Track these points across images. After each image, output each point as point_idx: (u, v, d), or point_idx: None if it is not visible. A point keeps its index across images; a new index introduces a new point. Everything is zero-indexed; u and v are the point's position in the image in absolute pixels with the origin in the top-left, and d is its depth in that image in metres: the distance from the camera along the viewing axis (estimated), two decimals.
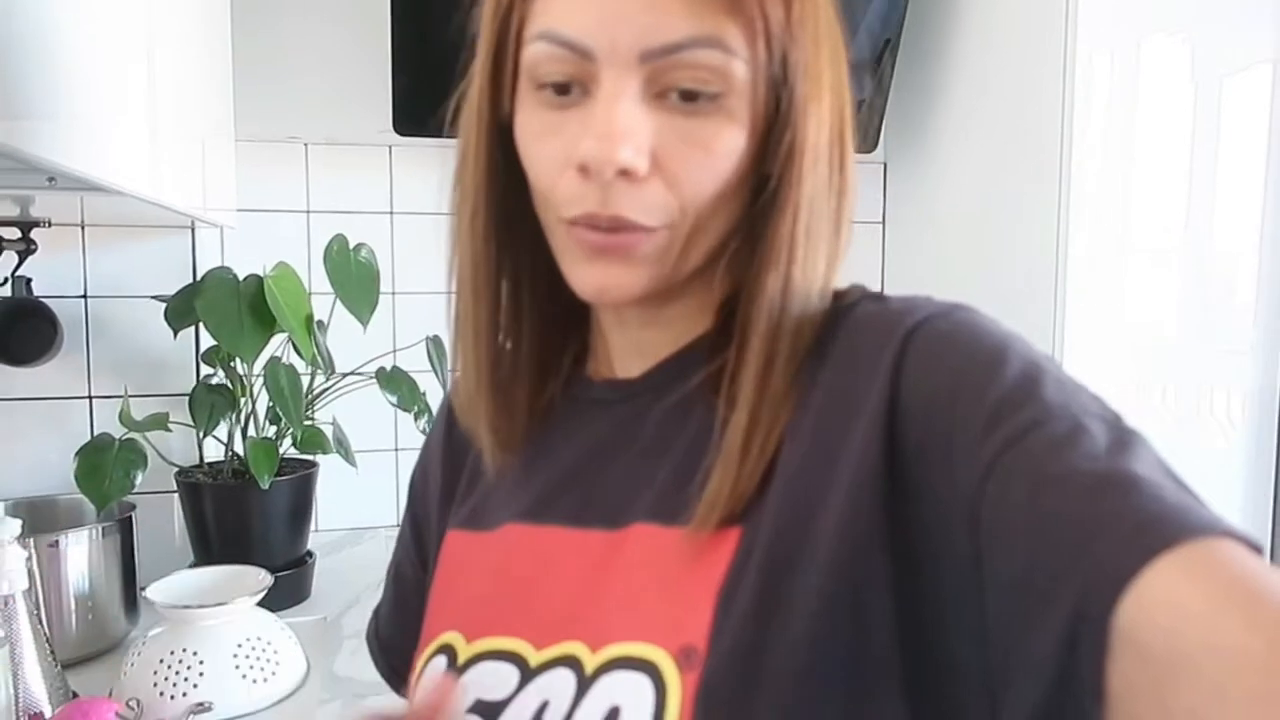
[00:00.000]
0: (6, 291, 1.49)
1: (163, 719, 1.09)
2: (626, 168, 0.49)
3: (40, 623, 1.15)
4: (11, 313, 1.48)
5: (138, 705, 1.12)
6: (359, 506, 1.91)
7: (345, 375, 1.55)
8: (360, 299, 1.48)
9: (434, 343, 1.61)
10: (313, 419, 1.54)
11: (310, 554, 1.59)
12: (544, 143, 0.53)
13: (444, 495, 0.68)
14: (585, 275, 0.53)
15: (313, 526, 1.63)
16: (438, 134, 1.82)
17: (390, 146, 1.91)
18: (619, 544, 0.54)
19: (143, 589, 1.23)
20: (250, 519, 1.47)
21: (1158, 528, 0.37)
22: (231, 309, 1.31)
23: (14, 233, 1.47)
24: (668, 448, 0.55)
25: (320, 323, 1.48)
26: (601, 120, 0.49)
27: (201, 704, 1.15)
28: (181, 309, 1.40)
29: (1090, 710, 0.37)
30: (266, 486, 1.41)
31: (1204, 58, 1.55)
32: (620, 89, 0.49)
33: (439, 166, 1.98)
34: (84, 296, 1.59)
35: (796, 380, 0.51)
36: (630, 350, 0.61)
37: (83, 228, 1.59)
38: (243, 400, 1.47)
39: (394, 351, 1.75)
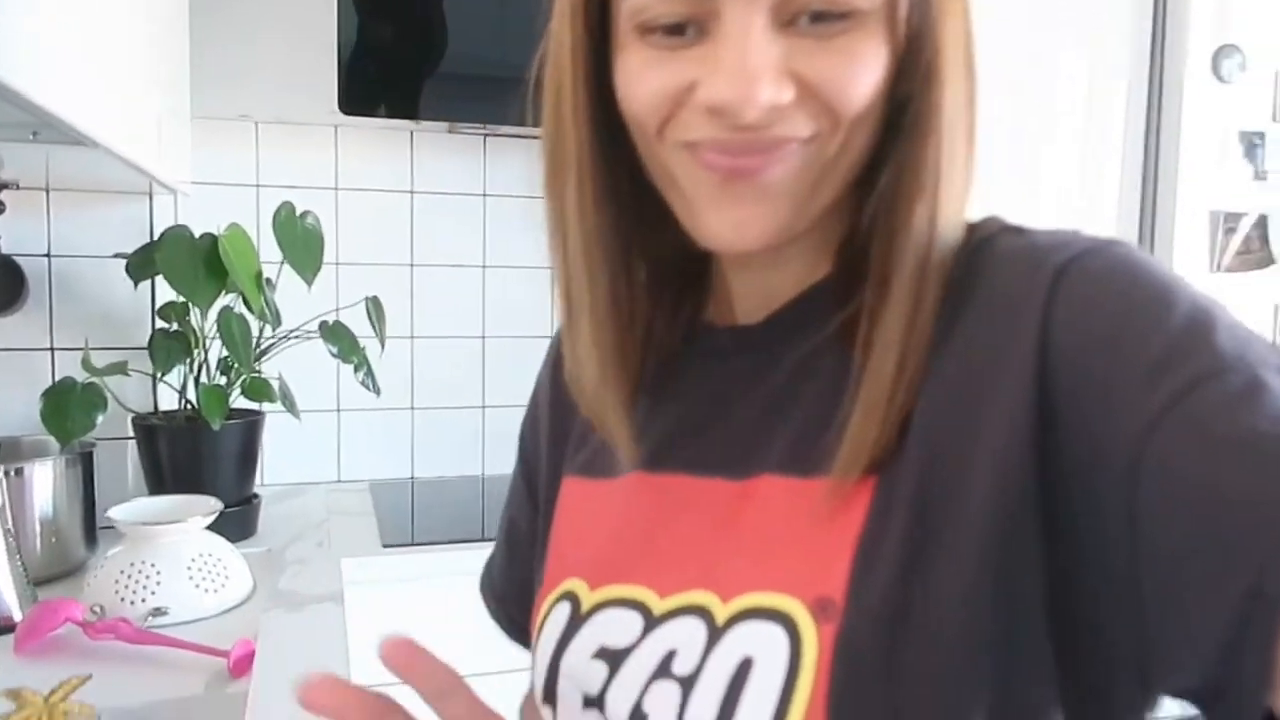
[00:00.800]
0: None
1: (124, 618, 1.23)
2: (772, 105, 0.45)
3: (10, 538, 1.29)
4: None
5: (101, 609, 1.27)
6: (301, 463, 2.06)
7: (291, 332, 1.70)
8: (305, 260, 1.63)
9: (373, 303, 1.76)
10: (259, 372, 1.68)
11: (256, 495, 1.73)
12: (654, 75, 0.48)
13: (555, 442, 0.66)
14: (716, 218, 0.49)
15: (258, 479, 1.78)
16: (382, 114, 1.98)
17: (336, 126, 2.06)
18: (746, 495, 0.52)
19: (105, 517, 1.37)
20: (201, 460, 1.62)
21: None
22: (188, 263, 1.45)
23: None
24: (796, 398, 0.52)
25: (269, 280, 1.63)
26: (734, 57, 0.45)
27: (159, 609, 1.30)
28: (142, 263, 1.54)
29: (1256, 692, 0.35)
30: (217, 428, 1.55)
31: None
32: (749, 22, 0.45)
33: (383, 146, 2.16)
34: (48, 255, 1.73)
35: (935, 321, 0.47)
36: (753, 295, 0.57)
37: (47, 191, 1.72)
38: (195, 351, 1.62)
39: (336, 310, 1.91)
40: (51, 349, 1.74)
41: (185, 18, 1.78)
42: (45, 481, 1.44)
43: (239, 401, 1.67)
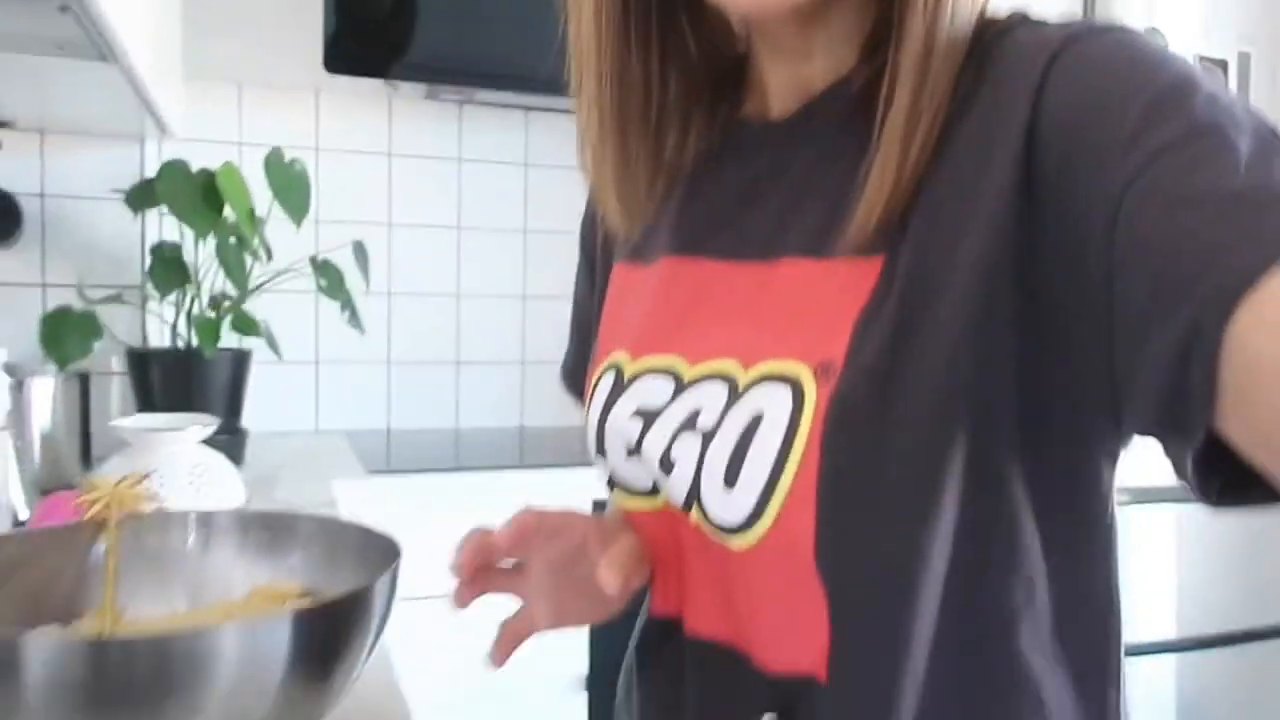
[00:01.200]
0: None
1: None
2: None
3: (17, 441, 1.35)
4: None
5: None
6: (281, 411, 2.12)
7: (281, 272, 1.78)
8: (294, 202, 1.71)
9: (357, 246, 1.85)
10: (251, 295, 1.75)
11: (244, 428, 1.80)
12: None
13: (609, 234, 0.71)
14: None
15: (243, 421, 1.84)
16: (364, 73, 2.05)
17: (317, 90, 2.14)
18: (770, 276, 0.57)
19: (109, 426, 1.43)
20: (192, 390, 1.68)
21: None
22: (187, 192, 1.53)
23: None
24: (820, 183, 0.56)
25: (260, 219, 1.71)
26: None
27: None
28: (141, 194, 1.61)
29: (1199, 416, 0.37)
30: (210, 355, 1.62)
31: None
32: None
33: (362, 110, 2.23)
34: (41, 195, 1.79)
35: (948, 106, 0.50)
36: (785, 89, 0.60)
37: (42, 134, 1.78)
38: (189, 286, 1.68)
39: (320, 254, 1.98)
40: (44, 285, 1.80)
41: None
42: (45, 397, 1.49)
43: (227, 341, 1.74)
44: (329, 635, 0.53)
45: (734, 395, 0.54)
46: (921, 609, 0.50)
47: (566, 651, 1.68)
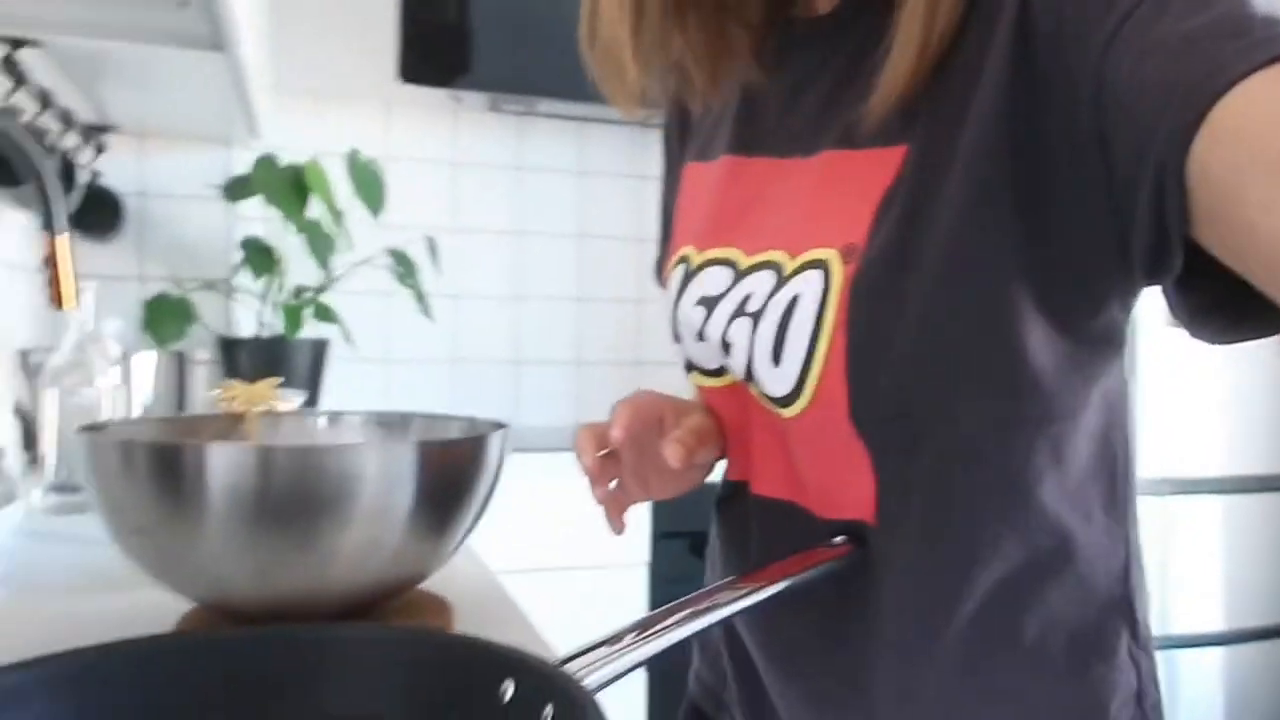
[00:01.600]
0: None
1: None
2: None
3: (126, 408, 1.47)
4: (88, 198, 1.81)
5: None
6: (355, 403, 2.23)
7: (358, 264, 1.90)
8: (371, 196, 1.84)
9: (429, 241, 1.97)
10: (329, 305, 1.88)
11: None
12: None
13: (682, 135, 0.77)
14: None
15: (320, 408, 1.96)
16: (433, 84, 2.18)
17: (388, 103, 2.28)
18: (813, 168, 0.60)
19: (207, 396, 1.55)
20: (276, 371, 1.80)
21: (1247, 54, 0.39)
22: (278, 182, 1.66)
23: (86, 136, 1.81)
24: (858, 75, 0.57)
25: (340, 212, 1.84)
26: None
27: None
28: (237, 186, 1.75)
29: (1177, 247, 0.43)
30: (293, 340, 1.75)
31: None
32: None
33: (428, 121, 2.36)
34: (140, 194, 1.94)
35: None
36: None
37: (142, 137, 1.93)
38: (275, 274, 1.81)
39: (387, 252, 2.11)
40: (140, 277, 1.94)
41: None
42: (147, 371, 1.62)
43: (307, 332, 1.86)
44: (449, 470, 0.62)
45: (779, 281, 0.59)
46: (951, 464, 0.55)
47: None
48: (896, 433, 0.56)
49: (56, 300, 1.11)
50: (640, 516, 1.85)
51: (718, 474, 0.73)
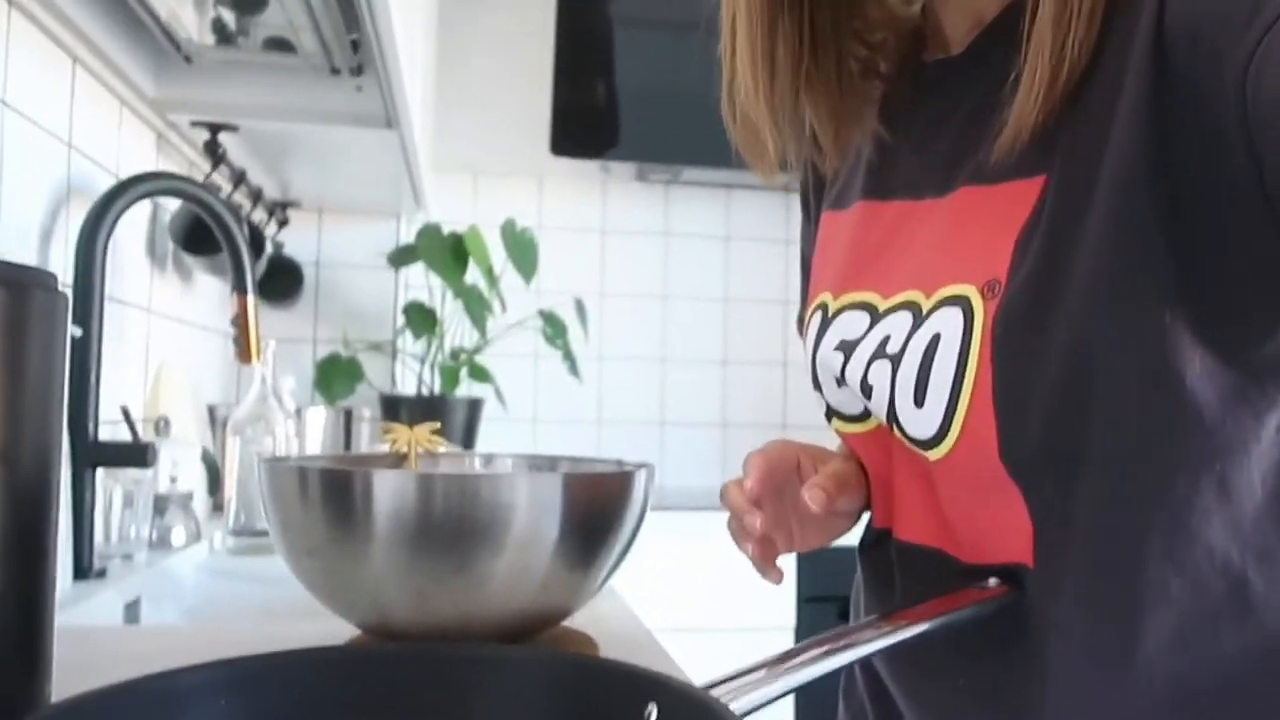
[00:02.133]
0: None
1: None
2: None
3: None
4: (271, 267, 1.97)
5: None
6: None
7: (511, 326, 1.99)
8: (525, 261, 1.93)
9: (578, 303, 2.03)
10: (483, 365, 1.97)
11: None
12: None
13: (818, 188, 0.76)
14: None
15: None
16: (590, 155, 2.30)
17: (540, 177, 2.40)
18: (950, 206, 0.59)
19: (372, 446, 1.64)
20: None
21: None
22: (440, 250, 1.77)
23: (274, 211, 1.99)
24: (992, 109, 0.55)
25: (496, 276, 1.93)
26: None
27: None
28: (402, 254, 1.87)
29: None
30: (450, 398, 1.83)
31: None
32: None
33: (578, 191, 2.47)
34: (316, 264, 2.10)
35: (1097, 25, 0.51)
36: (959, 21, 0.62)
37: (320, 212, 2.10)
38: (434, 335, 1.92)
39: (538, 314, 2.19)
40: (314, 340, 2.09)
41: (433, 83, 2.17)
42: (317, 425, 1.73)
43: (462, 391, 1.95)
44: (596, 502, 0.64)
45: (917, 320, 0.58)
46: (1111, 503, 0.52)
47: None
48: (1051, 471, 0.53)
49: (244, 355, 1.21)
50: (787, 580, 1.81)
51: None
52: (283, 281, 1.98)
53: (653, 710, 0.46)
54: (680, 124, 2.21)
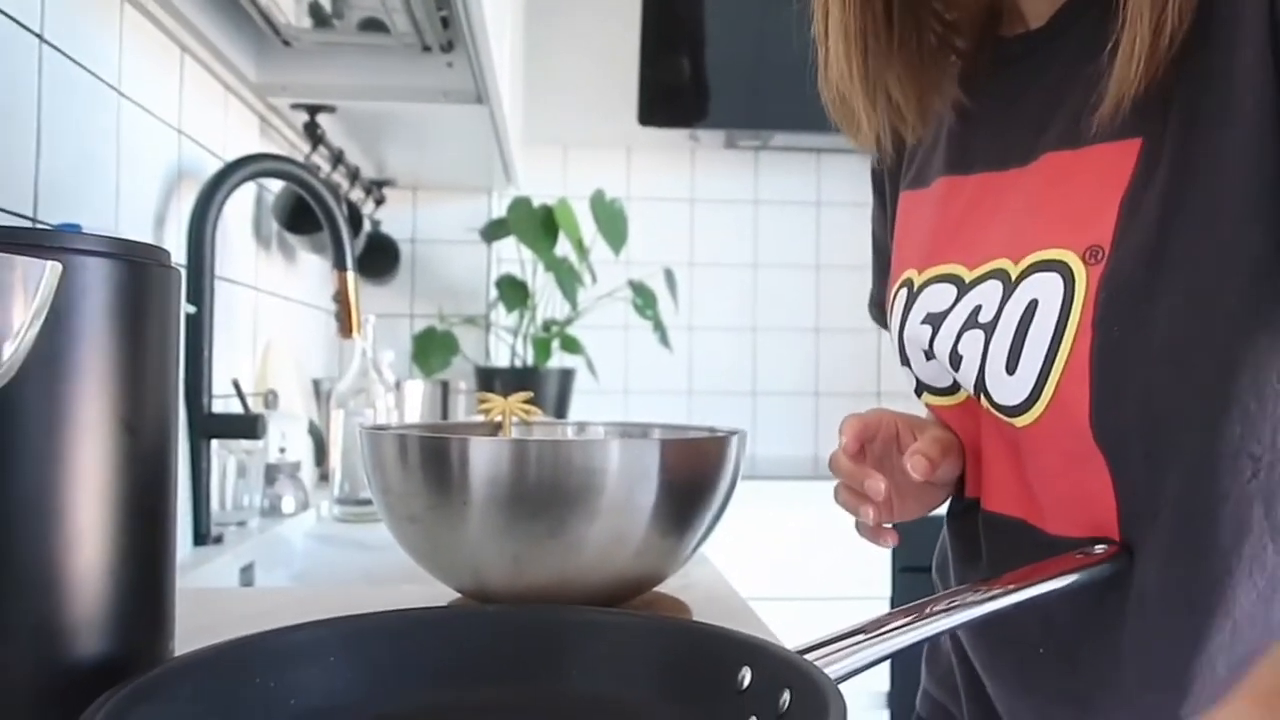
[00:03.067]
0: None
1: None
2: None
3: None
4: (369, 244, 2.03)
5: None
6: None
7: (601, 297, 2.00)
8: (614, 232, 1.93)
9: (668, 274, 2.03)
10: (574, 336, 1.99)
11: None
12: None
13: (895, 169, 0.76)
14: None
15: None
16: (677, 124, 2.28)
17: (629, 146, 2.40)
18: (1034, 173, 0.59)
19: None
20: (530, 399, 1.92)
21: None
22: (530, 222, 1.79)
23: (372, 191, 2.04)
24: (1075, 79, 0.57)
25: (586, 248, 1.95)
26: None
27: None
28: (494, 228, 1.90)
29: None
30: (543, 369, 1.86)
31: None
32: None
33: (667, 161, 2.48)
34: (412, 240, 2.15)
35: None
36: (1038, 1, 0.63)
37: (415, 190, 2.15)
38: (527, 307, 1.94)
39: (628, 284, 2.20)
40: (411, 315, 2.14)
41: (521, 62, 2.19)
42: (416, 397, 1.78)
43: (555, 362, 1.98)
44: (689, 467, 0.64)
45: (1008, 288, 0.58)
46: (1203, 477, 0.52)
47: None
48: (1139, 442, 0.53)
49: (346, 330, 1.25)
50: (883, 550, 1.80)
51: None
52: (380, 258, 2.03)
53: (746, 674, 0.47)
54: (769, 90, 2.18)
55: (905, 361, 0.69)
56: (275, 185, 1.55)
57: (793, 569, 1.83)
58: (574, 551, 0.62)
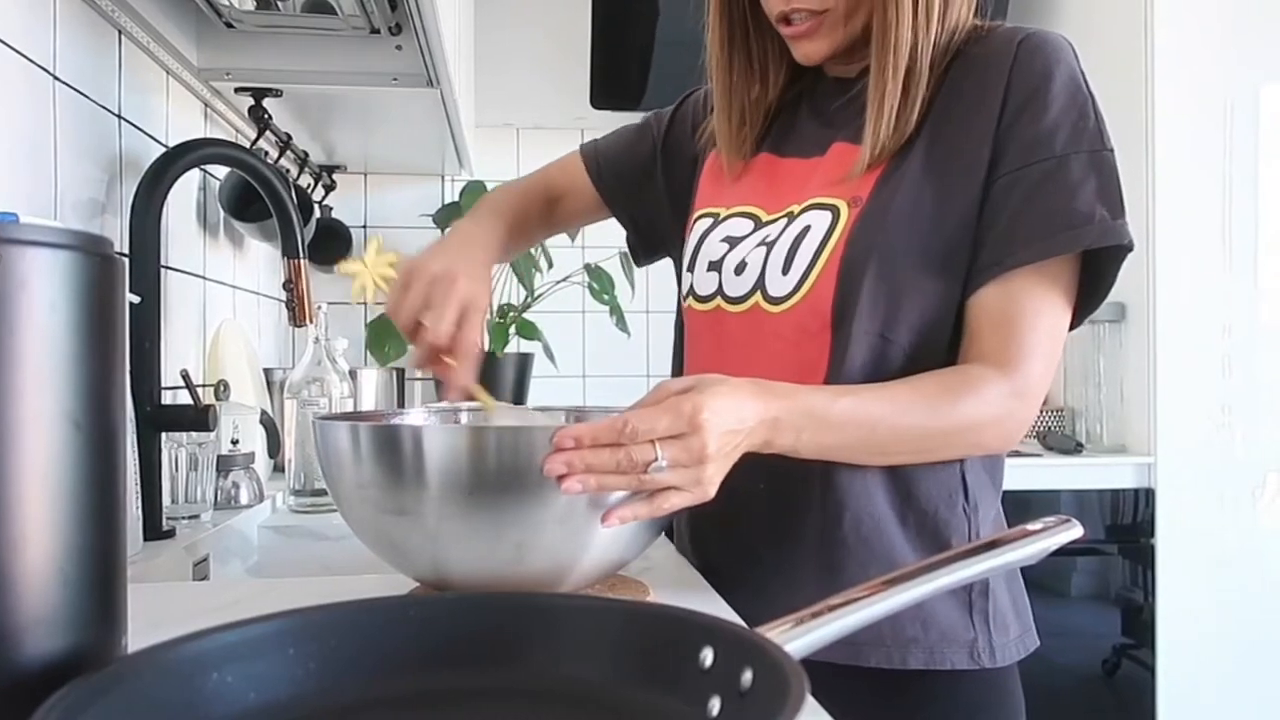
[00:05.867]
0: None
1: None
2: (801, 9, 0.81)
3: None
4: (320, 230, 1.99)
5: None
6: None
7: (558, 281, 1.99)
8: None
9: (623, 256, 2.02)
10: (531, 322, 1.97)
11: None
12: None
13: (694, 130, 0.99)
14: (794, 51, 0.85)
15: None
16: (629, 108, 2.27)
17: (581, 130, 2.38)
18: (827, 158, 0.84)
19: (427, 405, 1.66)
20: (487, 384, 1.91)
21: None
22: None
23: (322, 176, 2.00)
24: (862, 107, 0.81)
25: None
26: None
27: None
28: (446, 214, 1.88)
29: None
30: (500, 355, 1.84)
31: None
32: None
33: None
34: (364, 226, 2.11)
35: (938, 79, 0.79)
36: (841, 64, 0.88)
37: (365, 175, 2.11)
38: None
39: (584, 269, 2.19)
40: (365, 302, 2.11)
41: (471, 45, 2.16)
42: (370, 385, 1.76)
43: (512, 348, 1.97)
44: None
45: (791, 221, 0.82)
46: (892, 367, 0.77)
47: None
48: (854, 332, 0.77)
49: (298, 318, 1.23)
50: None
51: None
52: (332, 245, 2.00)
53: (708, 654, 0.47)
54: None
55: (690, 269, 0.89)
56: (221, 171, 1.52)
57: None
58: (532, 538, 0.62)
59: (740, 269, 0.83)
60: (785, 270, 0.80)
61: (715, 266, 0.85)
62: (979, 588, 0.78)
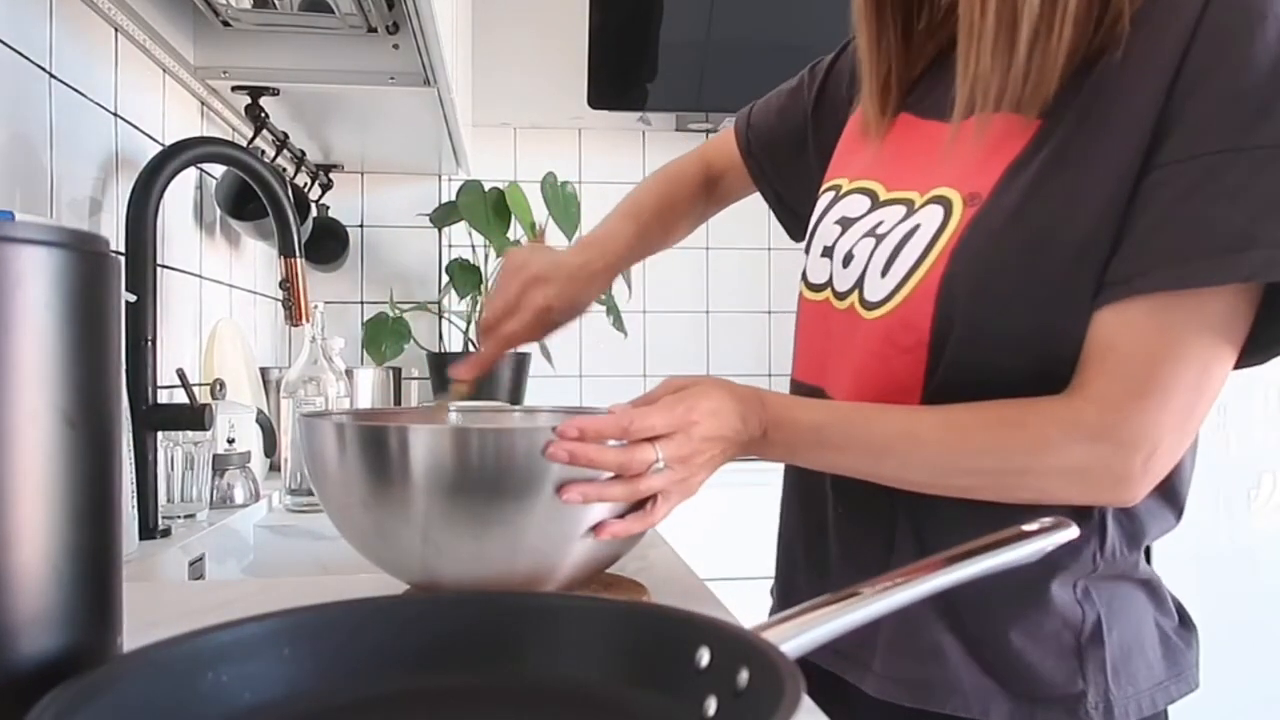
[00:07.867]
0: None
1: None
2: None
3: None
4: (317, 229, 1.99)
5: None
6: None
7: None
8: (566, 217, 1.92)
9: None
10: None
11: None
12: None
13: (851, 87, 0.87)
14: None
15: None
16: (626, 108, 2.28)
17: (579, 130, 2.38)
18: (960, 128, 0.69)
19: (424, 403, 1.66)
20: (480, 385, 1.91)
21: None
22: (481, 206, 1.77)
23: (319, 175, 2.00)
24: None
25: (541, 229, 1.93)
26: None
27: None
28: (444, 213, 1.87)
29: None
30: None
31: None
32: None
33: (619, 145, 2.48)
34: (361, 226, 2.11)
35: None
36: None
37: (362, 175, 2.11)
38: (479, 291, 1.93)
39: None
40: (361, 301, 2.11)
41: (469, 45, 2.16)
42: (367, 384, 1.76)
43: None
44: None
45: (909, 213, 0.71)
46: (989, 366, 0.65)
47: None
48: (953, 353, 0.66)
49: (294, 317, 1.23)
50: None
51: None
52: (328, 244, 1.99)
53: (705, 653, 0.47)
54: (719, 73, 2.18)
55: (806, 250, 0.81)
56: (218, 170, 1.52)
57: (749, 549, 1.84)
58: (521, 536, 0.61)
59: (848, 260, 0.74)
60: (885, 272, 0.69)
61: (828, 253, 0.76)
62: (1090, 631, 0.67)
